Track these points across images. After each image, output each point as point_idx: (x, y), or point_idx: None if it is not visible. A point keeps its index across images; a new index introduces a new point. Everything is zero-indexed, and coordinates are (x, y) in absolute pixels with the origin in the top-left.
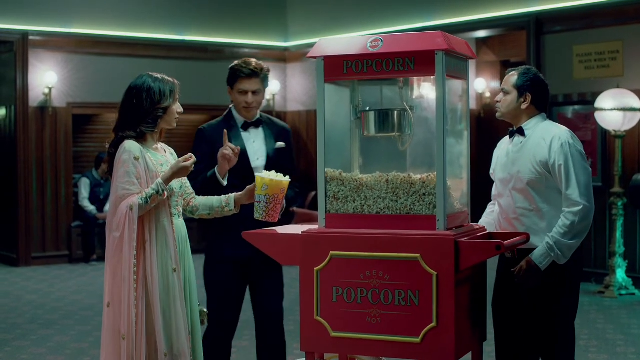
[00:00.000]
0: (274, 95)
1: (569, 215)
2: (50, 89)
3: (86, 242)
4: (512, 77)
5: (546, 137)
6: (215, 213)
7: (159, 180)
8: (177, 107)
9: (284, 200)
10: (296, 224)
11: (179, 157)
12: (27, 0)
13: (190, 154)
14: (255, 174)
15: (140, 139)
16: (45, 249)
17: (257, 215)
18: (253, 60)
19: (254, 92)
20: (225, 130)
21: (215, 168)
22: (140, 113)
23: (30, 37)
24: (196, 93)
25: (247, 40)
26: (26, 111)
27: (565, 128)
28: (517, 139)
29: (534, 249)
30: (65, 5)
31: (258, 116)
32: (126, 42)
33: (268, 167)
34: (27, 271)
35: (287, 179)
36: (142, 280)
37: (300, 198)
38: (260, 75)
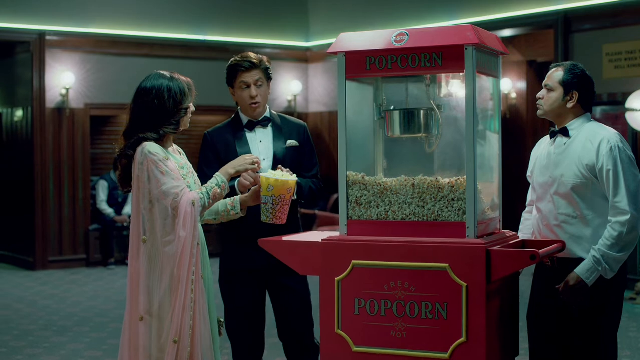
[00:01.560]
0: (295, 96)
1: (617, 225)
2: (67, 89)
3: (104, 245)
4: (557, 73)
5: (593, 140)
6: (221, 217)
7: (219, 174)
8: (192, 107)
9: (299, 193)
10: (318, 227)
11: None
12: (44, 0)
13: (256, 157)
14: (260, 174)
15: (160, 141)
16: (63, 252)
17: (263, 218)
18: (251, 53)
19: (257, 85)
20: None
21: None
22: (162, 114)
23: (47, 37)
24: (216, 94)
25: (268, 40)
26: (43, 113)
27: (614, 130)
28: (560, 139)
29: (576, 257)
30: (82, 5)
31: (267, 114)
32: (145, 42)
33: (276, 168)
34: (43, 275)
35: (294, 178)
36: (197, 283)
37: (322, 197)
38: (261, 67)
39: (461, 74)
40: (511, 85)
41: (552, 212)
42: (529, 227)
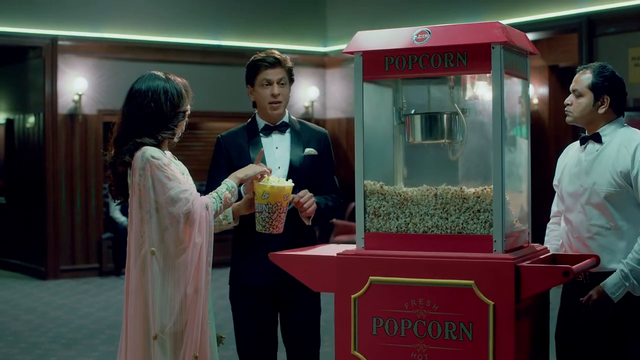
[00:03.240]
0: (312, 102)
1: None
2: (80, 95)
3: (117, 254)
4: (585, 76)
5: (628, 145)
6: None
7: (228, 179)
8: (189, 110)
9: (315, 215)
10: (336, 236)
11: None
12: (56, 4)
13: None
14: (254, 181)
15: (158, 147)
16: (75, 261)
17: (259, 228)
18: (275, 51)
19: (279, 83)
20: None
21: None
22: (159, 118)
23: (60, 42)
24: (232, 100)
25: (285, 45)
26: (55, 119)
27: None
28: (592, 146)
29: (609, 271)
30: (95, 9)
31: (285, 119)
32: (159, 47)
33: (292, 177)
34: (54, 285)
35: (290, 183)
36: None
37: (337, 212)
38: (285, 66)
39: (487, 75)
40: (533, 90)
41: (583, 223)
42: (555, 239)
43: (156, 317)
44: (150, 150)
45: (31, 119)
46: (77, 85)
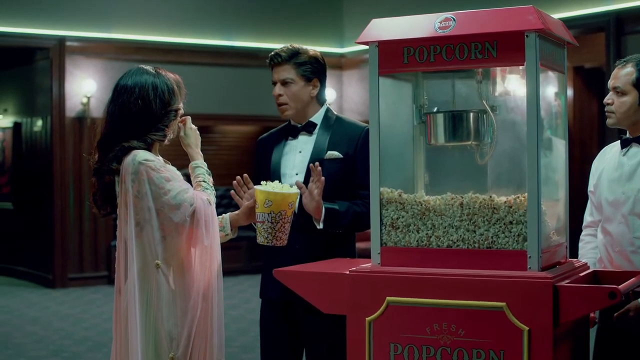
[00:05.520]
0: (329, 104)
1: None
2: (88, 98)
3: None
4: (626, 70)
5: None
6: None
7: (199, 160)
8: (182, 109)
9: (334, 221)
10: (357, 242)
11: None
12: (64, 4)
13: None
14: (255, 187)
15: (148, 151)
16: (83, 269)
17: (260, 240)
18: (290, 45)
19: (282, 83)
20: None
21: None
22: (148, 118)
23: (67, 43)
24: (246, 102)
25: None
26: (63, 122)
27: None
28: (636, 149)
29: None
30: (104, 9)
31: (313, 118)
32: (171, 48)
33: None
34: (61, 294)
35: (296, 190)
36: None
37: (367, 219)
38: (291, 61)
39: (521, 67)
40: None
41: (625, 235)
42: (591, 252)
43: (169, 338)
44: (141, 154)
45: (39, 123)
46: (85, 87)
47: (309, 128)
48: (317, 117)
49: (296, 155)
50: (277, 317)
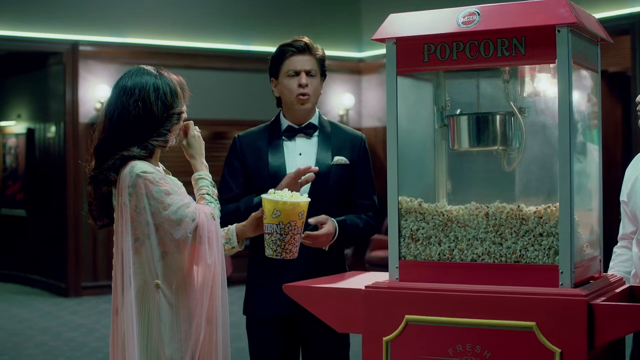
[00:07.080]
0: (347, 110)
1: None
2: (102, 103)
3: None
4: None
5: None
6: None
7: (204, 171)
8: (185, 113)
9: (340, 237)
10: (372, 251)
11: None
12: (77, 8)
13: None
14: (262, 195)
15: (149, 158)
16: (97, 277)
17: (269, 252)
18: (305, 37)
19: (308, 73)
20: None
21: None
22: (150, 121)
23: (81, 48)
24: (263, 108)
25: None
26: (76, 128)
27: None
28: None
29: None
30: (118, 13)
31: (314, 120)
32: (186, 53)
33: (316, 191)
34: (74, 304)
35: (306, 198)
36: None
37: (369, 233)
38: (316, 55)
39: (551, 65)
40: None
41: None
42: (620, 265)
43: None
44: (140, 165)
45: (52, 129)
46: (99, 92)
47: (309, 130)
48: (315, 119)
49: (296, 158)
50: (274, 334)
